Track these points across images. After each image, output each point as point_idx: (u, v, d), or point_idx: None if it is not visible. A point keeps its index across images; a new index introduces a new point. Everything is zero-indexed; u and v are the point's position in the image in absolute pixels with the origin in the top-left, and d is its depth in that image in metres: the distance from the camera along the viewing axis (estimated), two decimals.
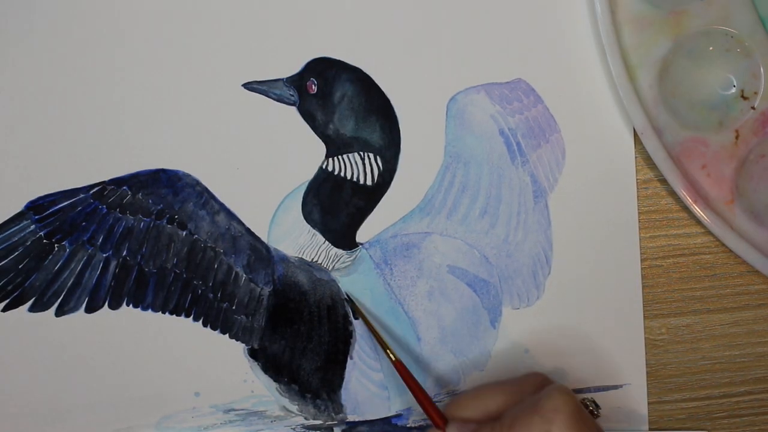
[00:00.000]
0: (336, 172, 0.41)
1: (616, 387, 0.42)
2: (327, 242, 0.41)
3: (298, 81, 0.41)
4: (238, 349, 0.42)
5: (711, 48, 0.40)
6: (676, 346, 0.43)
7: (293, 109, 0.41)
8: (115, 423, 0.42)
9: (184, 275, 0.41)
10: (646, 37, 0.40)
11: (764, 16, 0.40)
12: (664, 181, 0.42)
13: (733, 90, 0.40)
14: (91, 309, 0.41)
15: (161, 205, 0.40)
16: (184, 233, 0.41)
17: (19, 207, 0.40)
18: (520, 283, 0.42)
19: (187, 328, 0.41)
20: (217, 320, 0.41)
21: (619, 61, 0.39)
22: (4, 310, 0.40)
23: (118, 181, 0.40)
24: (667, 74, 0.40)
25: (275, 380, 0.42)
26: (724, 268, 0.43)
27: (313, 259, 0.42)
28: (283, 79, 0.41)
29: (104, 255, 0.40)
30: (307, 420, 0.42)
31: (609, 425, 0.42)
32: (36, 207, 0.40)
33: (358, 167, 0.41)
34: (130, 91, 0.40)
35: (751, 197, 0.41)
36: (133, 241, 0.40)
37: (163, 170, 0.40)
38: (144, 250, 0.40)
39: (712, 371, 0.43)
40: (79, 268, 0.40)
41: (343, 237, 0.42)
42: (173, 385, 0.42)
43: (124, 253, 0.40)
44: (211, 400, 0.42)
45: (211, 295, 0.41)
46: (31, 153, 0.40)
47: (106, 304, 0.41)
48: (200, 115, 0.41)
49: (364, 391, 0.42)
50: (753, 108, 0.40)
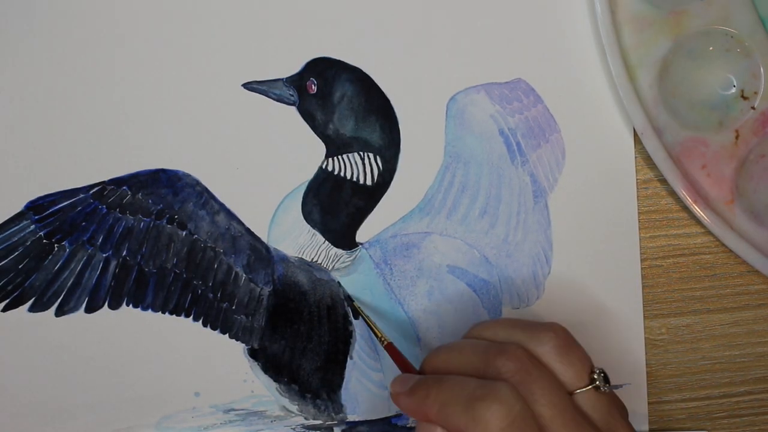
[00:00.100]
0: (336, 172, 0.41)
1: (616, 387, 0.42)
2: (327, 242, 0.41)
3: (297, 81, 0.41)
4: (238, 349, 0.42)
5: (711, 48, 0.40)
6: (676, 346, 0.43)
7: (293, 109, 0.41)
8: (115, 423, 0.42)
9: (184, 275, 0.41)
10: (646, 37, 0.40)
11: (764, 16, 0.40)
12: (664, 181, 0.42)
13: (733, 90, 0.40)
14: (91, 309, 0.41)
15: (161, 205, 0.40)
16: (184, 233, 0.41)
17: (19, 207, 0.40)
18: (519, 282, 0.42)
19: (187, 328, 0.41)
20: (217, 320, 0.41)
21: (619, 61, 0.39)
22: (4, 310, 0.40)
23: (118, 181, 0.40)
24: (667, 74, 0.40)
25: (275, 380, 0.42)
26: (724, 268, 0.43)
27: (313, 259, 0.42)
28: (282, 79, 0.41)
29: (104, 255, 0.40)
30: (307, 420, 0.42)
31: None
32: (36, 207, 0.40)
33: (358, 167, 0.41)
34: (130, 91, 0.40)
35: (751, 197, 0.41)
36: (133, 241, 0.40)
37: (163, 170, 0.40)
38: (144, 250, 0.40)
39: (712, 371, 0.43)
40: (79, 268, 0.40)
41: (343, 237, 0.42)
42: (173, 385, 0.42)
43: (124, 253, 0.40)
44: (211, 400, 0.42)
45: (211, 295, 0.41)
46: (31, 153, 0.40)
47: (106, 304, 0.41)
48: (200, 115, 0.40)
49: (364, 391, 0.42)
50: (753, 108, 0.40)
